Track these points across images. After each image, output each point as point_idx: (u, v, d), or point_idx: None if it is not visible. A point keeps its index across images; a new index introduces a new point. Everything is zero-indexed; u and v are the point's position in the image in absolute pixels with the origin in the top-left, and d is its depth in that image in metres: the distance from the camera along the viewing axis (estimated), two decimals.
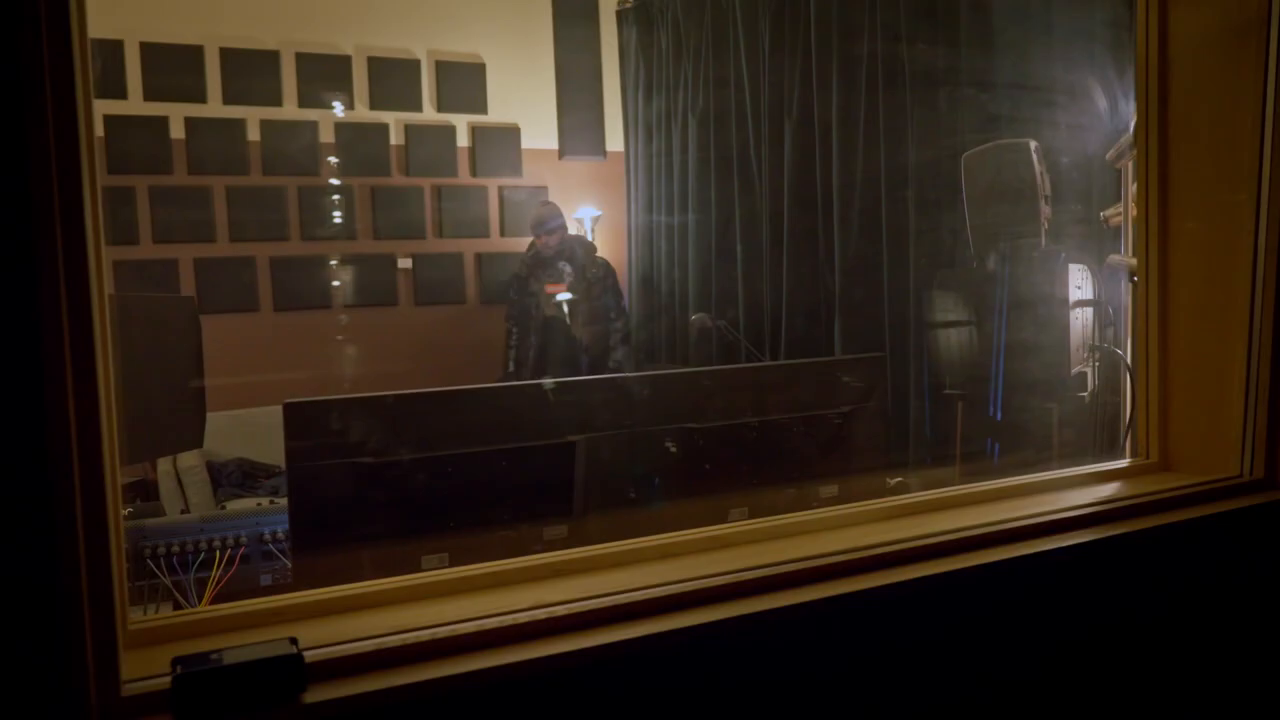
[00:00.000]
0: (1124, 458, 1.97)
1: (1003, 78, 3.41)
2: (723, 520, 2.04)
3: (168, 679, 0.96)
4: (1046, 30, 3.26)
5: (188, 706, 0.91)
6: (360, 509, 1.77)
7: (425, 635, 1.12)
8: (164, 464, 4.66)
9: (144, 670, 1.04)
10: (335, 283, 5.88)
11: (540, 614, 1.19)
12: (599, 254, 5.61)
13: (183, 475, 4.66)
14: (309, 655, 1.05)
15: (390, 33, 5.88)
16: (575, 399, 2.02)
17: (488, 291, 6.18)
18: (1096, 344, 2.50)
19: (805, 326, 4.65)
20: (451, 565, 1.77)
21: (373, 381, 5.80)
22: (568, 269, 5.33)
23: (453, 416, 1.91)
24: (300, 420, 1.72)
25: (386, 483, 1.78)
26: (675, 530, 1.65)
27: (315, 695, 0.99)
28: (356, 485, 1.76)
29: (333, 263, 5.87)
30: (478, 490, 1.86)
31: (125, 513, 2.09)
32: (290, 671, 0.96)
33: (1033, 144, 2.67)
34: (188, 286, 5.46)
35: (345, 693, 1.01)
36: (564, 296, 5.35)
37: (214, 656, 0.95)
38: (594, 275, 5.38)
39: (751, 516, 2.03)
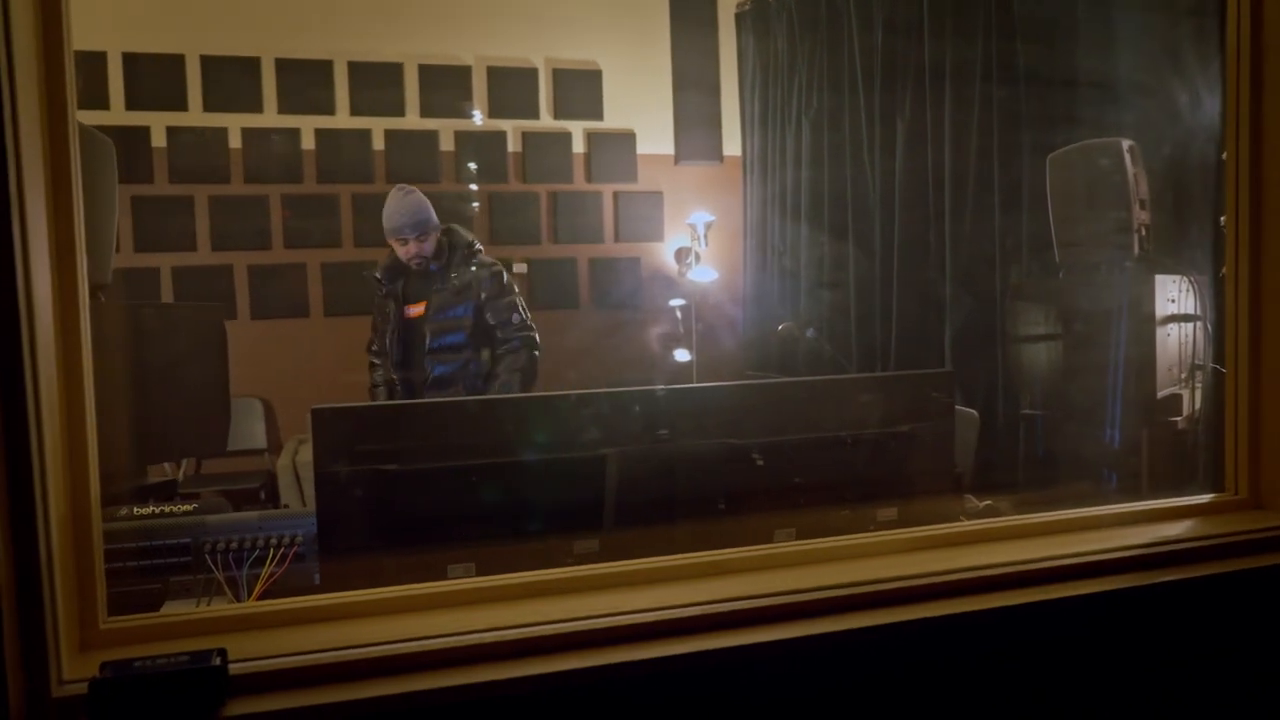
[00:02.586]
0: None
1: (1123, 76, 3.16)
2: (768, 541, 1.96)
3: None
4: (1172, 27, 2.99)
5: (101, 712, 0.92)
6: (387, 516, 1.79)
7: (363, 653, 1.10)
8: (283, 458, 4.89)
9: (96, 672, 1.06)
10: None
11: (489, 637, 1.16)
12: (481, 252, 3.92)
13: (300, 471, 4.86)
14: (247, 668, 1.05)
15: (509, 43, 6.01)
16: (610, 410, 1.97)
17: (601, 296, 6.22)
18: (1198, 363, 2.26)
19: (915, 338, 4.46)
20: (478, 575, 1.77)
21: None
22: (449, 280, 3.77)
23: (482, 425, 1.90)
24: (328, 427, 1.75)
25: (413, 490, 1.79)
26: (708, 550, 1.60)
27: (239, 709, 0.99)
28: (384, 492, 1.78)
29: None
30: (506, 501, 1.84)
31: (189, 509, 2.19)
32: (210, 684, 0.95)
33: (1125, 143, 2.43)
34: (315, 291, 5.73)
35: (271, 708, 1.00)
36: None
37: (138, 664, 0.95)
38: (473, 281, 3.82)
39: (800, 538, 1.94)
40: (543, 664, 1.18)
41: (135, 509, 2.10)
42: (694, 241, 6.19)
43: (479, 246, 3.94)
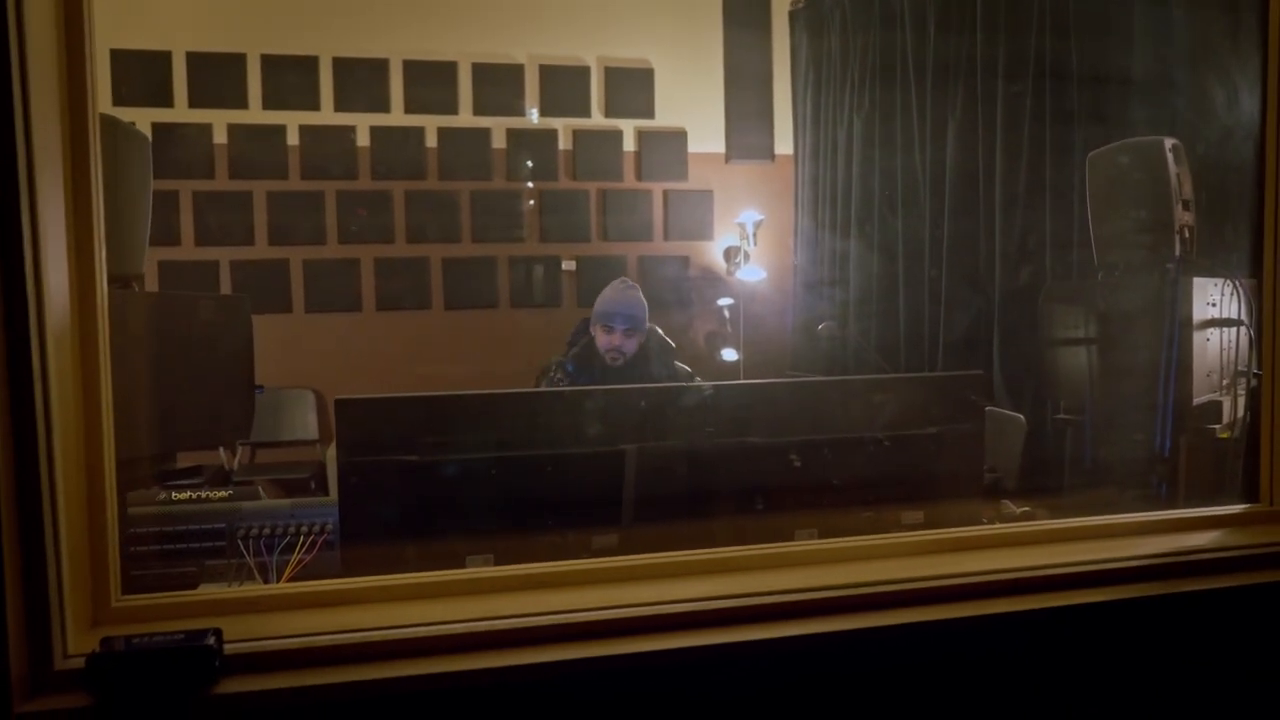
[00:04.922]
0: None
1: (1178, 74, 3.06)
2: (788, 540, 1.95)
3: None
4: (1234, 25, 2.89)
5: (96, 685, 0.95)
6: (408, 506, 1.82)
7: (366, 637, 1.12)
8: (331, 449, 4.99)
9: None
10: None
11: (488, 625, 1.17)
12: (679, 362, 3.65)
13: None
14: (245, 648, 1.08)
15: (561, 41, 6.05)
16: (634, 407, 1.98)
17: (649, 295, 6.20)
18: (1241, 369, 2.18)
19: (964, 338, 4.39)
20: (496, 566, 1.79)
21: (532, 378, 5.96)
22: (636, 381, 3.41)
23: (505, 419, 1.92)
24: (351, 417, 1.79)
25: (433, 481, 1.82)
26: (723, 547, 1.60)
27: (233, 687, 1.02)
28: (404, 483, 1.80)
29: (554, 266, 6.09)
30: (526, 494, 1.86)
31: (224, 495, 2.25)
32: (203, 662, 0.98)
33: (1168, 142, 2.36)
34: (367, 286, 5.84)
35: (263, 687, 1.02)
36: None
37: (136, 640, 0.99)
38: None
39: (822, 538, 1.93)
40: (549, 653, 1.19)
41: (174, 494, 2.17)
42: (743, 241, 6.17)
43: (675, 351, 3.71)
